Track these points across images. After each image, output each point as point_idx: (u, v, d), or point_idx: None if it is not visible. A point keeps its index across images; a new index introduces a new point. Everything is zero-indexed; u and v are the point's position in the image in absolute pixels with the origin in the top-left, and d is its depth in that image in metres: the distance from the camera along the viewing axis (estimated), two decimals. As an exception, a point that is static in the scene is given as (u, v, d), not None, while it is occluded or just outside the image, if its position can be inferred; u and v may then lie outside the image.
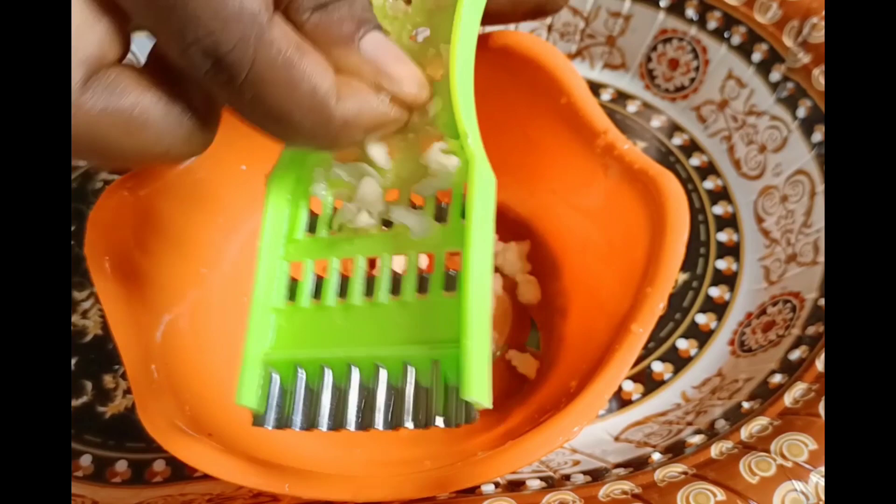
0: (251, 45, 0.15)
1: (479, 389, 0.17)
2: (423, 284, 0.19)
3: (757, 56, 0.34)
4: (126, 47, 0.17)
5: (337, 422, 0.18)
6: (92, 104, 0.15)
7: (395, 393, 0.18)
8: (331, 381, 0.19)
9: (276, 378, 0.19)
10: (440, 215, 0.19)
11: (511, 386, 0.28)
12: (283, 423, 0.19)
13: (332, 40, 0.17)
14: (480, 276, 0.18)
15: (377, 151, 0.20)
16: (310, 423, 0.19)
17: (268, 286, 0.20)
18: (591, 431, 0.27)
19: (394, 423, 0.18)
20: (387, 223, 0.20)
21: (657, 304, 0.21)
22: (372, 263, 0.20)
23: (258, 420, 0.19)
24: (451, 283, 0.19)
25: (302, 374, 0.19)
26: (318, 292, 0.20)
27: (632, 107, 0.38)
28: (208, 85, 0.16)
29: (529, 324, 0.30)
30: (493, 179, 0.19)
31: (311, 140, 0.17)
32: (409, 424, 0.18)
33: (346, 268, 0.20)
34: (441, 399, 0.17)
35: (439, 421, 0.17)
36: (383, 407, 0.18)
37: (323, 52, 0.17)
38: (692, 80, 0.37)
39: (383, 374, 0.18)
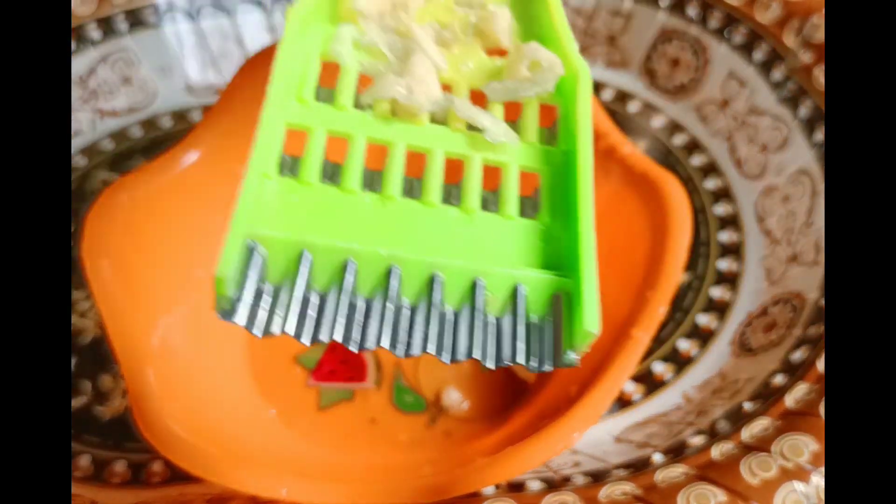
0: None
1: (594, 321, 0.14)
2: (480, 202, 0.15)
3: (758, 55, 0.34)
4: None
5: (353, 332, 0.14)
6: None
7: (451, 316, 0.14)
8: (353, 279, 0.14)
9: (260, 255, 0.14)
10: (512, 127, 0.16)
11: (511, 391, 0.28)
12: (266, 322, 0.14)
13: None
14: (589, 196, 0.15)
15: (429, 43, 0.16)
16: (311, 334, 0.14)
17: (269, 147, 0.15)
18: (591, 432, 0.27)
19: (458, 353, 0.14)
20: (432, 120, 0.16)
21: (658, 309, 0.21)
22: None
23: (226, 313, 0.14)
24: (526, 207, 0.15)
25: (308, 261, 0.14)
26: (336, 176, 0.15)
27: (632, 106, 0.38)
28: None
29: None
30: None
31: None
32: (478, 354, 0.14)
33: (372, 158, 0.16)
34: (525, 334, 0.14)
35: (521, 357, 0.14)
36: (437, 331, 0.14)
37: None
38: (693, 79, 0.37)
39: (439, 288, 0.14)
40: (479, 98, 0.16)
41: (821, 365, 0.25)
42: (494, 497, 0.22)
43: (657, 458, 0.24)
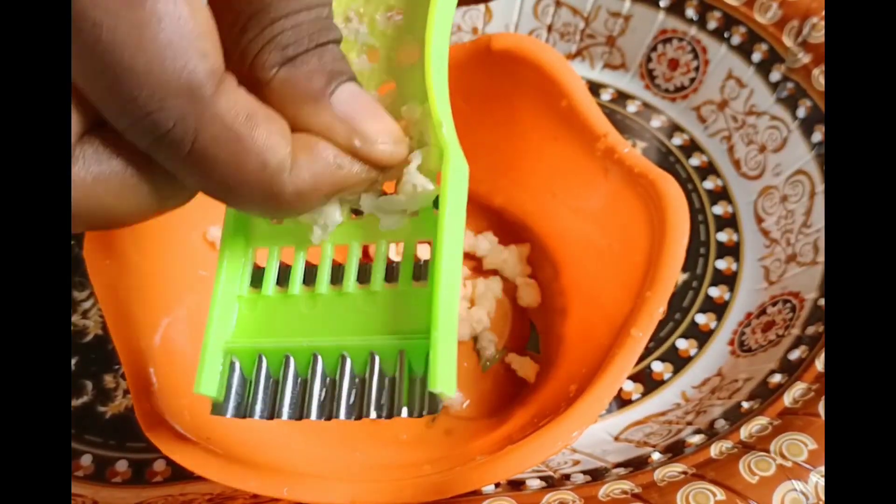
0: (192, 123, 0.14)
1: (446, 381, 0.17)
2: (391, 274, 0.19)
3: (757, 56, 0.34)
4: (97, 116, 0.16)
5: (299, 411, 0.18)
6: (84, 173, 0.15)
7: (360, 382, 0.18)
8: (294, 369, 0.18)
9: (238, 366, 0.19)
10: None
11: (511, 389, 0.28)
12: (243, 411, 0.18)
13: (301, 97, 0.16)
14: (451, 266, 0.17)
15: (331, 209, 0.19)
16: (271, 412, 0.18)
17: (231, 273, 0.19)
18: (591, 431, 0.27)
19: (357, 413, 0.18)
20: (356, 212, 0.19)
21: (657, 309, 0.22)
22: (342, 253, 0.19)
23: (217, 409, 0.18)
24: (420, 272, 0.18)
25: (264, 363, 0.19)
26: (284, 280, 0.19)
27: (632, 107, 0.38)
28: (155, 157, 0.15)
29: (529, 327, 0.30)
30: (466, 169, 0.18)
31: (262, 211, 0.17)
32: (374, 414, 0.18)
33: (313, 257, 0.20)
34: (405, 389, 0.17)
35: (404, 411, 0.17)
36: (347, 396, 0.18)
37: (290, 111, 0.16)
38: (692, 80, 0.37)
39: (348, 364, 0.18)
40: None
41: (819, 364, 0.25)
42: (495, 495, 0.22)
43: (656, 456, 0.24)
